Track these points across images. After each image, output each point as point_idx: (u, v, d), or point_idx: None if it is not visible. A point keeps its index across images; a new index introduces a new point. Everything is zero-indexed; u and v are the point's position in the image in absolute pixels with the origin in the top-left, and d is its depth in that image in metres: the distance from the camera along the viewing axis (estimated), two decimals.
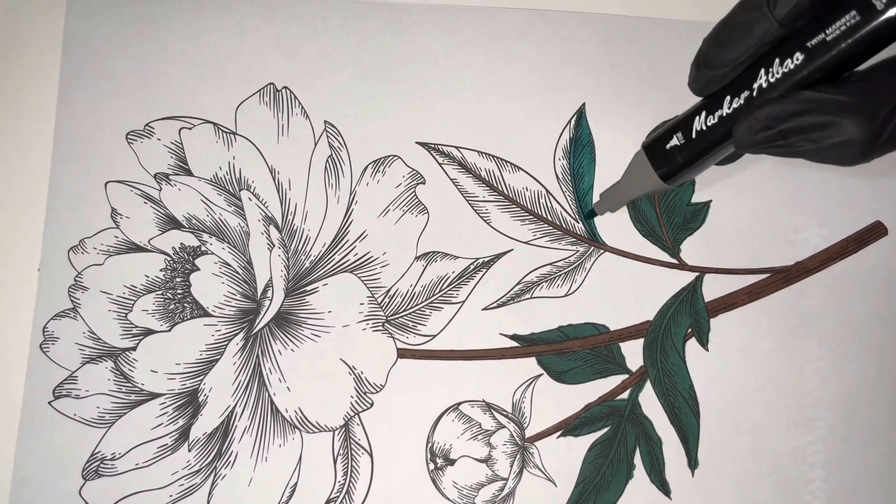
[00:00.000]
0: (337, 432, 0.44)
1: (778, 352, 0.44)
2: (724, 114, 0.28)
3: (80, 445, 0.43)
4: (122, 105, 0.46)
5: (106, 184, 0.45)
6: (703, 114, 0.29)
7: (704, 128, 0.29)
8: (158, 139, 0.46)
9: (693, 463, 0.43)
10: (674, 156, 0.31)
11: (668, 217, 0.45)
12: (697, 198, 0.45)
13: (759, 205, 0.45)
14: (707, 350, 0.44)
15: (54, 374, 0.44)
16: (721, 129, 0.29)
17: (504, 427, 0.44)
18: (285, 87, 0.46)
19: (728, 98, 0.28)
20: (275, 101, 0.46)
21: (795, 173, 0.46)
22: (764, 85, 0.27)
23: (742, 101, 0.28)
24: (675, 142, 0.30)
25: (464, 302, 0.45)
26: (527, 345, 0.44)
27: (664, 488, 0.43)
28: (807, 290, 0.45)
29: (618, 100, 0.46)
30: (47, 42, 0.47)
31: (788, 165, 0.46)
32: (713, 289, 0.45)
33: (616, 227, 0.45)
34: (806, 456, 0.44)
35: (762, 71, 0.27)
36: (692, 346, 0.44)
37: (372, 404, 0.44)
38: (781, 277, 0.45)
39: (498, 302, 0.45)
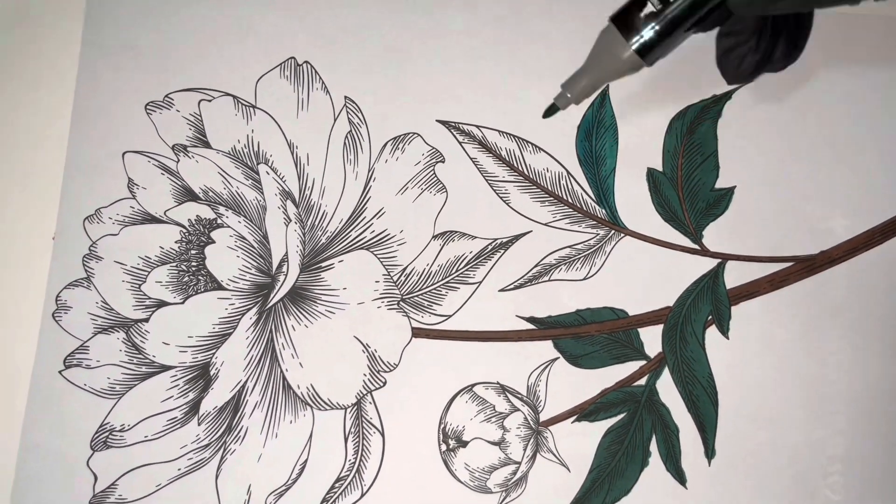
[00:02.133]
0: (349, 410, 0.43)
1: (799, 342, 0.44)
2: None
3: (89, 416, 0.43)
4: (143, 76, 0.46)
5: (123, 154, 0.45)
6: None
7: None
8: (177, 110, 0.46)
9: (710, 452, 0.43)
10: (648, 24, 0.29)
11: (691, 202, 0.44)
12: (721, 183, 0.45)
13: (784, 192, 0.45)
14: (727, 338, 0.44)
15: (66, 343, 0.44)
16: None
17: (518, 410, 0.43)
18: (306, 62, 0.46)
19: None
20: (295, 75, 0.46)
21: (823, 161, 0.45)
22: None
23: None
24: (650, 8, 0.29)
25: (481, 282, 0.44)
26: (544, 328, 0.44)
27: (680, 477, 0.42)
28: (830, 281, 0.44)
29: (641, 83, 0.45)
30: (70, 11, 0.47)
31: (816, 151, 0.45)
32: (735, 276, 0.44)
33: (638, 211, 0.44)
34: (825, 449, 0.43)
35: None
36: (712, 333, 0.44)
37: (385, 383, 0.43)
38: (805, 266, 0.44)
39: (515, 283, 0.44)
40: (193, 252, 0.44)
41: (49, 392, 0.43)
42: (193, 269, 0.44)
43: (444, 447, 0.43)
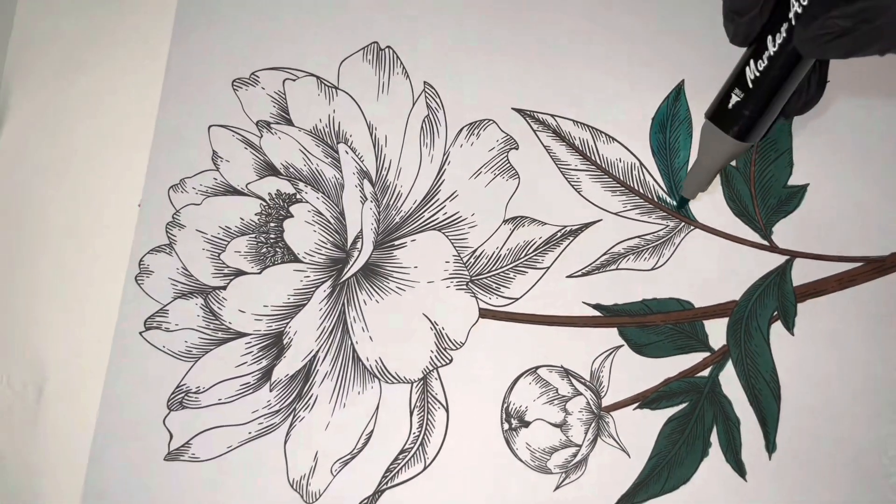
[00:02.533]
0: (415, 385, 0.44)
1: (864, 342, 0.44)
2: (772, 52, 0.29)
3: (166, 376, 0.45)
4: (232, 53, 0.48)
5: (209, 127, 0.47)
6: (752, 62, 0.29)
7: (758, 74, 0.29)
8: (263, 88, 0.47)
9: (771, 447, 0.43)
10: (739, 112, 0.30)
11: (763, 198, 0.45)
12: (794, 181, 0.45)
13: (856, 191, 0.45)
14: (793, 334, 0.44)
15: (147, 305, 0.45)
16: (774, 69, 0.29)
17: (581, 394, 0.44)
18: (388, 47, 0.47)
19: (769, 38, 0.28)
20: (377, 59, 0.47)
21: None
22: (799, 10, 0.27)
23: (783, 34, 0.28)
24: (735, 99, 0.30)
25: (548, 268, 0.45)
26: (609, 315, 0.44)
27: (739, 469, 0.43)
28: None
29: (717, 78, 0.45)
30: None
31: (889, 152, 0.45)
32: (803, 273, 0.44)
33: (709, 204, 0.45)
34: (887, 449, 0.43)
35: (792, 0, 0.27)
36: (777, 329, 0.44)
37: (451, 360, 0.44)
38: (875, 267, 0.44)
39: (583, 271, 0.45)
40: (272, 225, 0.46)
41: (130, 352, 0.45)
42: (271, 241, 0.46)
43: (506, 426, 0.44)
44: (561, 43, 0.47)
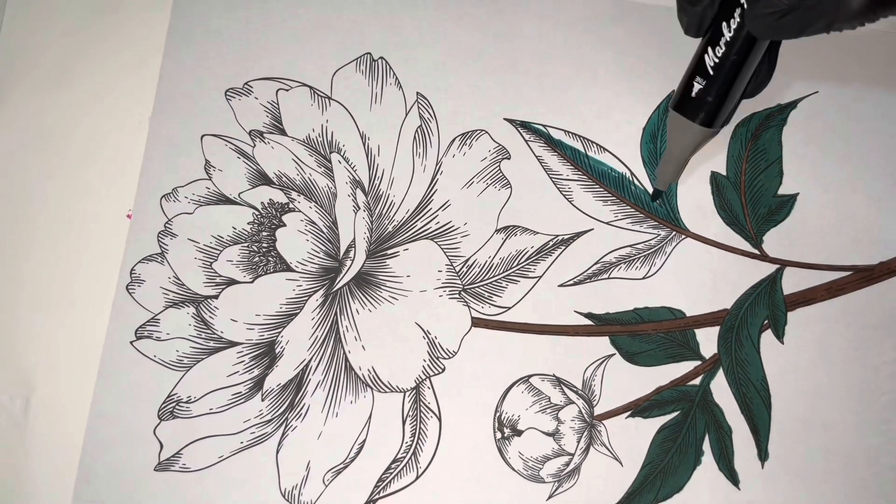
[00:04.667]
0: (408, 394, 0.44)
1: (854, 351, 0.44)
2: (728, 38, 0.30)
3: (157, 386, 0.44)
4: (224, 63, 0.48)
5: (202, 136, 0.47)
6: (710, 49, 0.30)
7: (717, 60, 0.30)
8: (256, 98, 0.47)
9: (763, 455, 0.43)
10: (703, 99, 0.31)
11: (753, 207, 0.45)
12: (784, 190, 0.46)
13: (846, 201, 0.45)
14: (782, 343, 0.44)
15: (138, 314, 0.45)
16: (731, 53, 0.30)
17: (573, 403, 0.44)
18: (381, 58, 0.48)
19: (724, 23, 0.29)
20: (370, 70, 0.48)
21: (885, 172, 0.46)
22: None
23: (737, 19, 0.29)
24: (697, 87, 0.31)
25: (540, 277, 0.45)
26: (601, 324, 0.45)
27: (732, 477, 0.43)
28: (889, 292, 0.45)
29: None
30: (159, 0, 0.49)
31: (878, 162, 0.46)
32: (793, 282, 0.45)
33: (699, 213, 0.45)
34: (878, 457, 0.43)
35: None
36: (767, 337, 0.44)
37: (443, 369, 0.44)
38: (864, 276, 0.45)
39: (575, 280, 0.45)
40: (265, 234, 0.46)
41: (120, 361, 0.44)
42: (264, 250, 0.46)
43: (499, 435, 0.44)
44: (553, 54, 0.48)
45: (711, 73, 0.31)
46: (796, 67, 0.47)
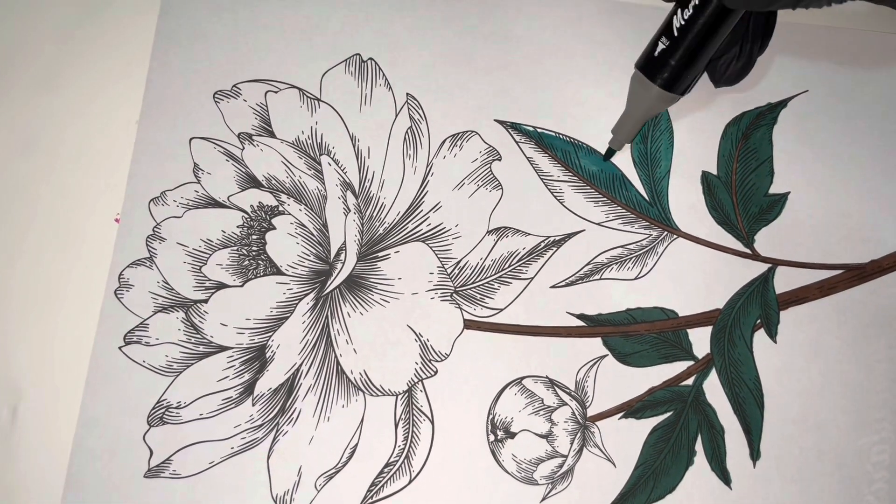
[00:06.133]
0: (400, 397, 0.44)
1: (847, 349, 0.44)
2: (697, 1, 0.29)
3: (146, 392, 0.44)
4: (212, 66, 0.47)
5: (190, 139, 0.47)
6: (679, 11, 0.30)
7: (683, 22, 0.30)
8: (244, 100, 0.47)
9: (755, 454, 0.43)
10: (665, 61, 0.31)
11: (745, 207, 0.45)
12: (775, 189, 0.45)
13: (837, 200, 0.45)
14: (775, 342, 0.44)
15: (126, 320, 0.45)
16: (699, 17, 0.29)
17: (566, 404, 0.44)
18: (371, 59, 0.48)
19: None
20: (360, 71, 0.47)
21: (876, 170, 0.46)
22: None
23: None
24: (661, 46, 0.31)
25: (532, 278, 0.45)
26: (593, 325, 0.44)
27: (724, 477, 0.43)
28: (880, 290, 0.45)
29: (697, 88, 0.46)
30: (146, 3, 0.48)
31: (869, 160, 0.46)
32: (785, 281, 0.45)
33: (691, 213, 0.45)
34: (870, 456, 0.43)
35: None
36: (760, 337, 0.44)
37: (436, 372, 0.44)
38: (855, 275, 0.45)
39: (567, 281, 0.45)
40: (254, 237, 0.45)
41: (109, 367, 0.44)
42: (254, 253, 0.45)
43: (492, 438, 0.43)
44: (543, 55, 0.47)
45: (676, 34, 0.30)
46: (787, 66, 0.47)
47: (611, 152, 0.38)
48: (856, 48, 0.48)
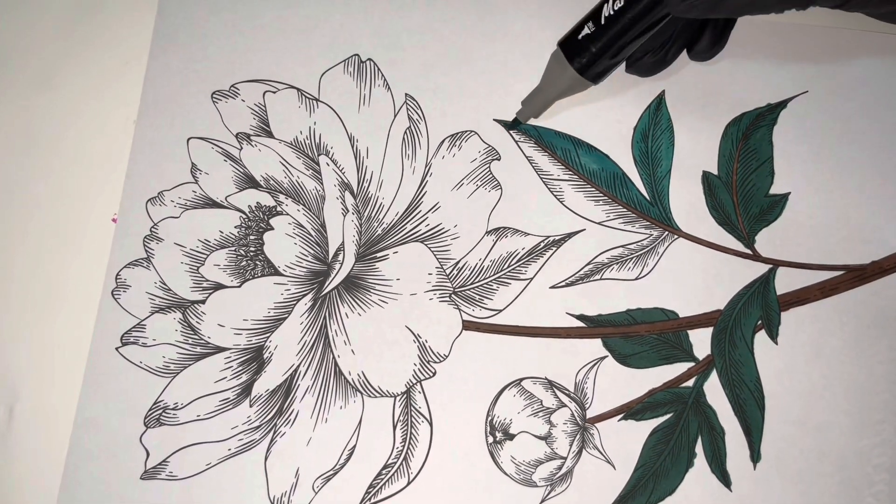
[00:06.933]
0: (398, 398, 0.44)
1: (848, 351, 0.44)
2: None
3: (143, 393, 0.44)
4: (211, 66, 0.47)
5: (188, 139, 0.46)
6: (610, 0, 0.29)
7: (612, 12, 0.30)
8: (243, 100, 0.47)
9: (755, 456, 0.43)
10: (586, 46, 0.31)
11: (745, 207, 0.45)
12: (776, 189, 0.45)
13: (838, 201, 0.45)
14: (776, 343, 0.44)
15: (123, 320, 0.44)
16: (627, 11, 0.29)
17: (565, 406, 0.43)
18: (370, 59, 0.47)
19: None
20: (359, 71, 0.47)
21: (877, 171, 0.46)
22: None
23: None
24: (586, 31, 0.31)
25: (532, 279, 0.45)
26: (593, 326, 0.44)
27: (724, 479, 0.43)
28: (881, 291, 0.44)
29: (699, 88, 0.46)
30: (144, 2, 0.48)
31: (870, 161, 0.45)
32: (786, 282, 0.44)
33: (691, 213, 0.45)
34: (871, 458, 0.43)
35: None
36: (761, 338, 0.44)
37: (434, 373, 0.44)
38: (856, 276, 0.44)
39: (566, 281, 0.45)
40: (252, 238, 0.45)
41: (105, 368, 0.44)
42: (251, 254, 0.45)
43: (490, 439, 0.43)
44: (542, 54, 0.47)
45: (603, 22, 0.30)
46: (787, 66, 0.47)
47: (516, 122, 0.37)
48: (856, 48, 0.47)
